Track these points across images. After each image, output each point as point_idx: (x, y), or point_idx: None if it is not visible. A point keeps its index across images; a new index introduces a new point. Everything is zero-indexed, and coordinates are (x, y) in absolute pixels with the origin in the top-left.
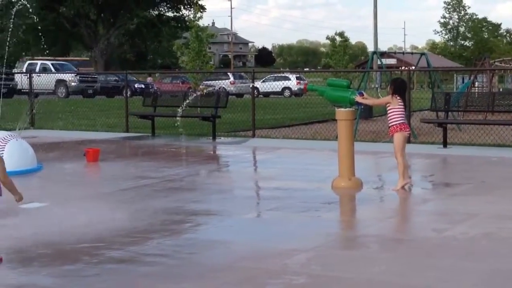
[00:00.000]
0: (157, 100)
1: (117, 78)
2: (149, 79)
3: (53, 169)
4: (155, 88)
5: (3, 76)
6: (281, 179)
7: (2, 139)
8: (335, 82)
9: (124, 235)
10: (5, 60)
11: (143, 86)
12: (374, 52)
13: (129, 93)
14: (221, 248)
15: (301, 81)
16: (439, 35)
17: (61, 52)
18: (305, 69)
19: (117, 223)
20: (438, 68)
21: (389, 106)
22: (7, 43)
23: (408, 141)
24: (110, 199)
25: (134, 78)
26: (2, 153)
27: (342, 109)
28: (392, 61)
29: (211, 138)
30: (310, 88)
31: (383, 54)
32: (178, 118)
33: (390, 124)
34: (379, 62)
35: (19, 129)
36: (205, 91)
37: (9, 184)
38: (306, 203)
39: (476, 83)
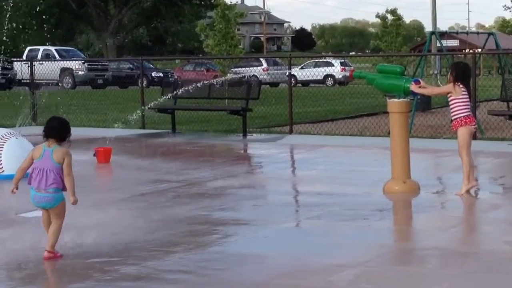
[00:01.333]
0: (178, 91)
1: (131, 66)
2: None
3: None
4: (176, 77)
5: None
6: (323, 183)
7: (0, 138)
8: (387, 68)
9: (140, 248)
10: (2, 47)
11: (161, 74)
12: (432, 33)
13: (145, 83)
14: (253, 264)
15: (346, 68)
16: (510, 11)
17: (65, 37)
18: (350, 53)
19: (132, 234)
20: (509, 50)
21: (450, 96)
22: (5, 26)
23: (474, 137)
24: (124, 206)
25: (151, 66)
26: (0, 154)
27: (395, 99)
28: (454, 43)
29: (241, 135)
30: (357, 76)
31: (443, 35)
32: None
33: (452, 117)
34: (438, 44)
35: (19, 126)
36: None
37: (70, 182)
38: (353, 210)
39: None
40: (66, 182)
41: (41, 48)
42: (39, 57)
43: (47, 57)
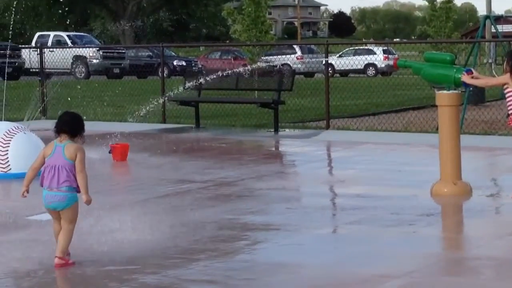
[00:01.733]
0: (202, 81)
1: (150, 54)
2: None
3: None
4: (200, 66)
5: (8, 52)
6: (364, 184)
7: (7, 133)
8: (435, 56)
9: (161, 256)
10: (10, 32)
11: (184, 63)
12: (486, 17)
13: (166, 72)
14: (286, 273)
15: (390, 56)
16: None
17: (78, 22)
18: (394, 40)
19: (152, 240)
20: None
21: (507, 87)
22: (12, 8)
23: None
24: (143, 209)
25: (173, 53)
26: (7, 150)
27: (445, 91)
28: (511, 28)
29: (272, 130)
30: (402, 65)
31: (499, 19)
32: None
33: (509, 111)
34: (493, 30)
35: (27, 120)
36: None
37: (82, 179)
38: (397, 214)
39: None
40: (79, 179)
41: (52, 34)
42: (49, 43)
43: (58, 43)
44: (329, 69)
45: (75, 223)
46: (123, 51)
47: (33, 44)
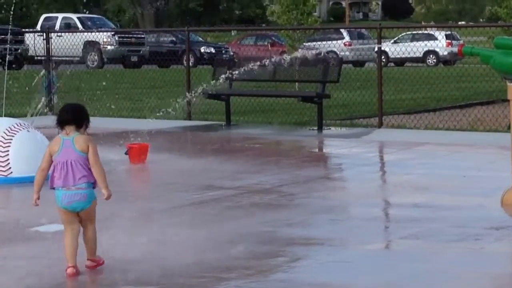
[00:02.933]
0: (234, 71)
1: (174, 39)
2: None
3: None
4: (232, 54)
5: (9, 37)
6: (422, 192)
7: (7, 131)
8: (509, 42)
9: (185, 274)
10: (11, 14)
11: (213, 50)
12: None
13: (192, 60)
14: None
15: (454, 42)
16: None
17: (90, 2)
18: (459, 23)
19: (175, 255)
20: None
21: None
22: None
23: None
24: (163, 219)
25: (200, 39)
26: (8, 151)
27: None
28: None
29: (315, 128)
30: (468, 52)
31: None
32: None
33: None
34: None
35: (31, 116)
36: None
37: (99, 171)
38: (461, 227)
39: None
40: (95, 172)
41: (60, 16)
42: (57, 27)
43: (67, 27)
44: (382, 57)
45: (94, 222)
46: (142, 36)
47: (38, 28)
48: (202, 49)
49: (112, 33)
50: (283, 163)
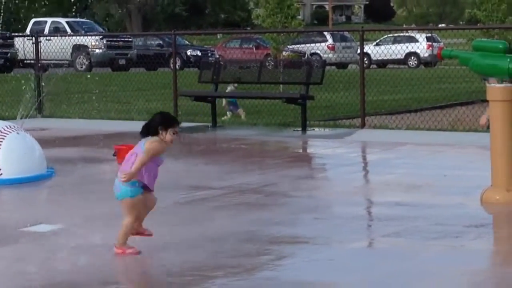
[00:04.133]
0: (219, 74)
1: (161, 42)
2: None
3: (69, 176)
4: (217, 56)
5: None
6: (404, 191)
7: None
8: (486, 44)
9: (172, 273)
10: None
11: (199, 53)
12: None
13: (179, 63)
14: None
15: (434, 44)
16: None
17: (79, 6)
18: (439, 26)
19: (162, 255)
20: None
21: None
22: None
23: None
24: (151, 220)
25: (186, 42)
26: None
27: (497, 84)
28: None
29: (299, 129)
30: (447, 55)
31: None
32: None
33: None
34: None
35: (21, 118)
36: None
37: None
38: (442, 225)
39: None
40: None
41: (49, 20)
42: (46, 31)
43: (56, 31)
44: (365, 59)
45: (132, 217)
46: (130, 39)
47: (27, 32)
48: (189, 52)
49: (100, 36)
50: (268, 163)
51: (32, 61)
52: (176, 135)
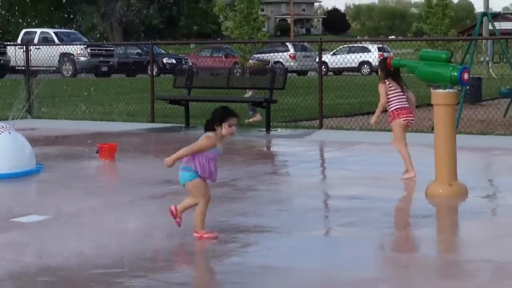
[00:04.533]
0: (192, 79)
1: (140, 51)
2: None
3: (57, 171)
4: (190, 64)
5: None
6: (357, 185)
7: None
8: (431, 54)
9: (149, 258)
10: None
11: (174, 61)
12: (484, 14)
13: (155, 70)
14: (277, 277)
15: (385, 54)
16: None
17: (65, 18)
18: (389, 37)
19: (139, 242)
20: None
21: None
22: None
23: None
24: (130, 210)
25: (163, 51)
26: None
27: (440, 90)
28: (509, 26)
29: (264, 130)
30: (396, 64)
31: (497, 16)
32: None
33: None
34: (490, 27)
35: (12, 119)
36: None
37: (183, 150)
38: (391, 216)
39: None
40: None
41: (38, 30)
42: (35, 40)
43: (45, 40)
44: (323, 67)
45: (199, 199)
46: (112, 48)
47: (19, 41)
48: (165, 60)
49: (85, 46)
50: (236, 160)
51: (23, 68)
52: (234, 127)
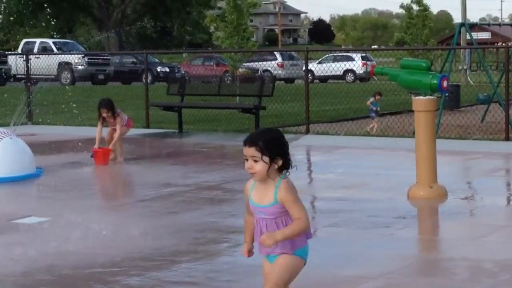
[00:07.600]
0: (185, 87)
1: (135, 60)
2: None
3: (55, 175)
4: (183, 72)
5: None
6: (342, 187)
7: None
8: (411, 63)
9: (144, 258)
10: None
11: (167, 69)
12: (462, 24)
13: (150, 78)
14: None
15: (368, 62)
16: None
17: (64, 29)
18: (373, 47)
19: (135, 242)
20: None
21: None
22: None
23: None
24: (126, 212)
25: (157, 60)
26: None
27: (421, 97)
28: (486, 35)
29: None
30: (379, 72)
31: (474, 27)
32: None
33: None
34: (468, 37)
35: (13, 125)
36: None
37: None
38: (374, 217)
39: None
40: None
41: (38, 40)
42: (35, 50)
43: (44, 50)
44: (309, 75)
45: None
46: (108, 57)
47: (19, 50)
48: (159, 69)
49: (82, 55)
50: (226, 164)
51: (23, 76)
52: (246, 162)
